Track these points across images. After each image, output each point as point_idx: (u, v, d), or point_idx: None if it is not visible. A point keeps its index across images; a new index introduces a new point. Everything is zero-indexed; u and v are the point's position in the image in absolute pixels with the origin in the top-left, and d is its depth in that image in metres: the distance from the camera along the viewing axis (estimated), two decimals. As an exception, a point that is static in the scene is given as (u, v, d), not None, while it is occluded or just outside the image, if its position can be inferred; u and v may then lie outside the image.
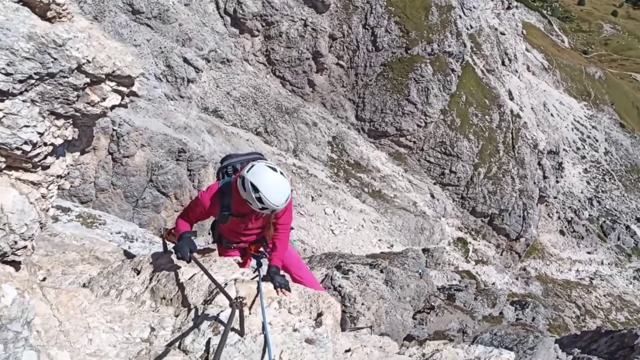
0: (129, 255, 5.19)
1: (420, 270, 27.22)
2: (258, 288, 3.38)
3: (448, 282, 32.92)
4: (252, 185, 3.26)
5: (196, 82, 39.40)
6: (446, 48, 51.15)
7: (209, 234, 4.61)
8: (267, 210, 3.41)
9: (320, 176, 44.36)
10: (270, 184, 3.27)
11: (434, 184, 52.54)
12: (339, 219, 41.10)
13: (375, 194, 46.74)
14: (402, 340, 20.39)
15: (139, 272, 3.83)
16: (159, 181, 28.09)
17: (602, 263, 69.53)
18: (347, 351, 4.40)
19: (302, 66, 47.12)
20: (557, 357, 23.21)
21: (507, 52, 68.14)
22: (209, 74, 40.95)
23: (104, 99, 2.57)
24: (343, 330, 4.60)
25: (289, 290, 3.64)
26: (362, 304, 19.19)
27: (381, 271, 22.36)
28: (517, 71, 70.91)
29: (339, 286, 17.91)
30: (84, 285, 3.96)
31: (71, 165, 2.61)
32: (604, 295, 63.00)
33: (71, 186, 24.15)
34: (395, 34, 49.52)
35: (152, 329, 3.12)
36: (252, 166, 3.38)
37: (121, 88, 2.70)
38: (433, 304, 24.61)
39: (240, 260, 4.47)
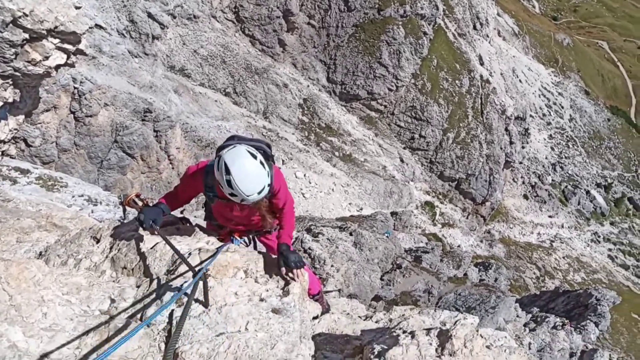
0: (88, 221, 4.99)
1: (387, 233, 27.72)
2: (214, 255, 3.30)
3: (415, 245, 33.71)
4: (225, 165, 3.06)
5: (161, 39, 37.90)
6: (419, 10, 50.53)
7: (203, 207, 4.45)
8: (237, 198, 3.20)
9: (290, 139, 44.01)
10: (244, 169, 3.06)
11: (404, 148, 52.95)
12: (310, 183, 41.15)
13: (346, 158, 46.84)
14: (370, 300, 20.91)
15: (98, 241, 3.67)
16: (124, 142, 27.26)
17: (563, 226, 72.51)
18: (315, 318, 4.41)
19: (272, 25, 45.85)
20: (517, 316, 24.30)
21: (479, 16, 67.92)
22: (175, 30, 39.40)
23: (46, 58, 2.36)
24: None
25: (302, 266, 3.53)
26: (332, 265, 19.48)
27: (350, 234, 22.66)
28: (488, 36, 70.97)
29: (309, 249, 18.08)
30: (40, 254, 3.78)
31: (15, 129, 2.40)
32: (563, 257, 66.03)
33: (31, 146, 23.25)
34: (368, -6, 48.57)
35: (112, 301, 3.00)
36: (234, 147, 3.17)
37: (66, 45, 2.48)
38: (400, 264, 25.19)
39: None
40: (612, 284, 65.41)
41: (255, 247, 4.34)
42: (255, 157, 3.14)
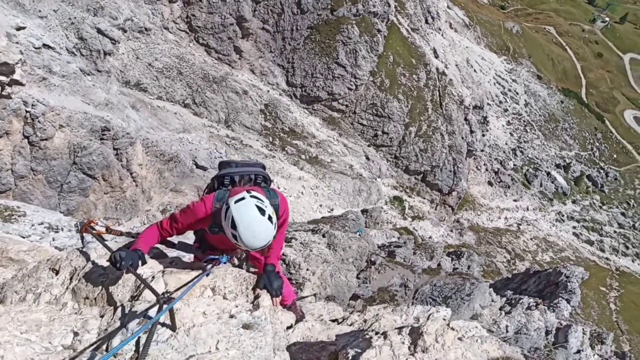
0: (47, 253, 4.82)
1: (359, 231, 27.87)
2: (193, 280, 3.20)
3: (387, 240, 33.96)
4: (233, 220, 3.02)
5: (114, 55, 37.03)
6: (371, 8, 51.12)
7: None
8: (240, 246, 3.17)
9: (255, 146, 43.75)
10: (251, 226, 3.02)
11: (368, 145, 53.43)
12: (279, 188, 41.00)
13: (313, 160, 46.89)
14: (348, 300, 20.97)
15: (57, 272, 3.54)
16: (84, 163, 26.47)
17: (528, 209, 74.69)
18: (289, 327, 4.37)
19: (227, 32, 45.49)
20: (493, 300, 24.83)
21: (430, 10, 69.26)
22: (127, 44, 38.58)
23: (-22, 91, 2.23)
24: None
25: (280, 295, 3.56)
26: (307, 269, 19.42)
27: (323, 235, 22.65)
28: (440, 29, 72.44)
29: (283, 254, 17.98)
30: (-4, 292, 3.62)
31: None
32: (531, 239, 67.99)
33: (-16, 176, 22.32)
34: (320, -5, 48.82)
35: (76, 334, 2.89)
36: (242, 199, 3.09)
37: (-1, 77, 2.36)
38: (374, 261, 25.32)
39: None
40: (579, 260, 67.84)
41: (247, 264, 4.30)
42: (263, 212, 3.07)
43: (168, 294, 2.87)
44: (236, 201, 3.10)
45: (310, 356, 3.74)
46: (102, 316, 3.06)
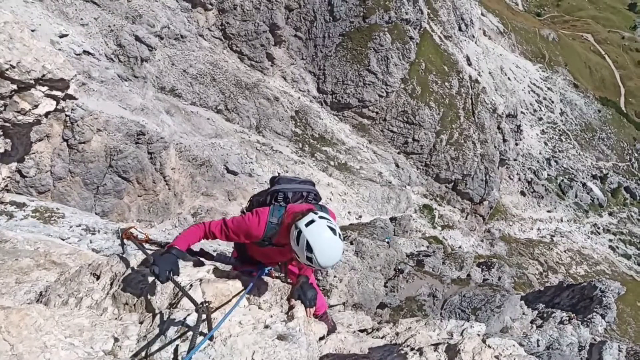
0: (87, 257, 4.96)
1: (387, 239, 27.67)
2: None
3: (416, 249, 33.62)
4: (308, 244, 3.02)
5: (150, 61, 38.00)
6: (403, 15, 50.92)
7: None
8: (311, 266, 3.15)
9: (285, 152, 44.05)
10: (327, 247, 3.03)
11: (398, 153, 53.07)
12: (307, 194, 41.11)
13: (342, 167, 46.89)
14: (375, 308, 20.81)
15: (98, 277, 3.64)
16: (119, 166, 27.22)
17: (562, 220, 72.61)
18: (321, 339, 4.37)
19: (260, 39, 46.09)
20: (524, 313, 24.24)
21: (464, 18, 68.48)
22: (163, 51, 39.53)
23: (36, 106, 2.36)
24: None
25: (314, 306, 3.61)
26: (335, 276, 19.41)
27: (351, 243, 22.62)
28: (473, 36, 71.51)
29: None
30: (40, 294, 3.75)
31: (8, 177, 2.39)
32: (564, 251, 66.03)
33: (26, 177, 23.15)
34: (352, 3, 48.92)
35: (116, 340, 2.97)
36: (312, 221, 3.09)
37: (55, 92, 2.48)
38: (402, 269, 25.10)
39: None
40: (616, 275, 65.42)
41: (285, 275, 4.28)
42: (334, 231, 3.09)
43: (207, 304, 2.91)
44: (307, 224, 3.08)
45: (343, 369, 3.72)
46: (141, 322, 3.13)
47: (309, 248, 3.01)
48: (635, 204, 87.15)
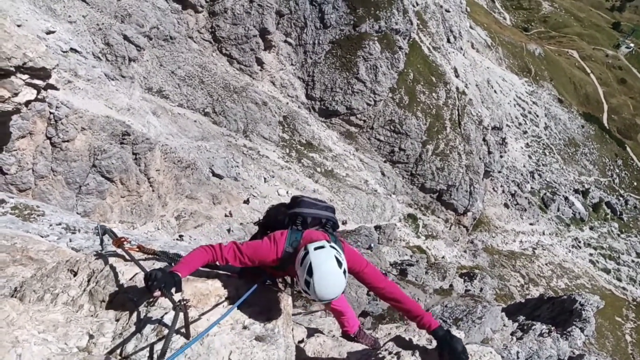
0: (65, 253, 4.88)
1: (371, 244, 27.71)
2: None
3: (400, 258, 33.73)
4: (310, 267, 2.95)
5: (138, 61, 37.75)
6: (393, 25, 51.39)
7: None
8: (308, 295, 3.04)
9: (272, 157, 43.98)
10: (327, 276, 2.94)
11: (384, 162, 53.33)
12: (292, 199, 41.03)
13: (328, 174, 46.94)
14: (357, 316, 20.81)
15: (75, 274, 3.58)
16: (103, 166, 26.87)
17: (544, 233, 73.52)
18: (300, 342, 4.36)
19: (250, 43, 46.10)
20: (504, 325, 24.39)
21: (452, 30, 69.37)
22: (152, 52, 39.31)
23: (15, 94, 2.31)
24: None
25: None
26: (317, 283, 19.34)
27: (334, 250, 22.55)
28: (462, 48, 72.44)
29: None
30: (15, 290, 3.68)
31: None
32: (546, 264, 66.83)
33: (7, 174, 22.75)
34: (343, 11, 49.27)
35: (91, 337, 2.92)
36: (322, 247, 3.05)
37: (36, 81, 2.43)
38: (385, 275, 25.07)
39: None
40: (595, 289, 66.38)
41: (292, 286, 4.13)
42: (340, 264, 3.01)
43: (184, 302, 2.88)
44: (316, 248, 3.04)
45: (320, 372, 3.71)
46: (117, 320, 3.09)
47: (309, 272, 2.94)
48: (615, 219, 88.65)
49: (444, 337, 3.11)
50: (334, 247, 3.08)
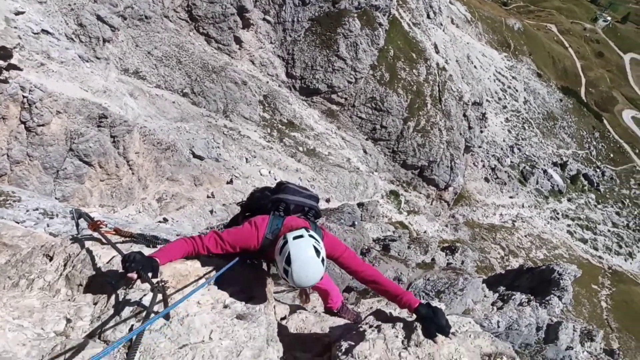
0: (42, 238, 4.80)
1: (354, 222, 27.88)
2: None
3: (383, 234, 34.03)
4: (288, 256, 2.99)
5: (113, 42, 36.79)
6: (373, 2, 50.88)
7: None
8: (287, 282, 3.10)
9: (253, 137, 43.65)
10: (305, 265, 2.99)
11: (366, 139, 53.39)
12: (275, 180, 40.93)
13: (310, 153, 46.84)
14: (341, 292, 21.03)
15: (51, 258, 3.52)
16: (80, 150, 26.38)
17: (523, 206, 74.94)
18: (282, 319, 4.38)
19: (227, 22, 45.23)
20: (485, 296, 24.94)
21: (432, 5, 68.95)
22: (127, 32, 38.32)
23: (-27, 74, 2.20)
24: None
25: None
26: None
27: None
28: (441, 24, 72.16)
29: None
30: (-11, 277, 3.60)
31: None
32: (525, 236, 68.30)
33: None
34: (322, -13, 48.57)
35: (68, 321, 2.88)
36: (300, 237, 3.07)
37: (-5, 60, 2.32)
38: (368, 251, 25.37)
39: None
40: (573, 258, 68.19)
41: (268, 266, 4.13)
42: (319, 253, 3.04)
43: (163, 283, 2.86)
44: (295, 237, 3.08)
45: (303, 347, 3.74)
46: (95, 303, 3.05)
47: (288, 260, 2.99)
48: (592, 191, 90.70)
49: (427, 314, 3.09)
50: (312, 236, 3.11)
